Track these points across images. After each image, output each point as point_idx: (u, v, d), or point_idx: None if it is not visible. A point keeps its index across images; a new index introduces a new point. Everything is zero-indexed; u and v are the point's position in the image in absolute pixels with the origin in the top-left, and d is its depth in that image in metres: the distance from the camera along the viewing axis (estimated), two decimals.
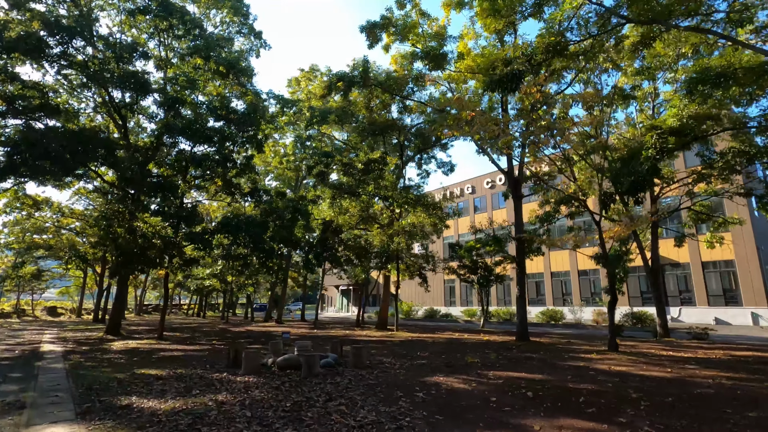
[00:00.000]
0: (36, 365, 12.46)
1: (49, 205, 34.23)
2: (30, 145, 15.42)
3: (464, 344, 17.62)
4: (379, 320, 26.82)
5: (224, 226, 17.04)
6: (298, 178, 36.89)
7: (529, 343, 16.83)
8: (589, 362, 12.26)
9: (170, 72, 20.42)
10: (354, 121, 23.60)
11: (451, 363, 12.18)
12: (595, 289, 40.87)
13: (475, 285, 31.60)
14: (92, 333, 24.52)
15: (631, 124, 26.81)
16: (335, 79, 18.23)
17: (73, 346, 17.79)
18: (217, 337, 22.11)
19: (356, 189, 21.35)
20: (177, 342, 19.09)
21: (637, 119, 27.29)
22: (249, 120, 17.95)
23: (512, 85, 10.98)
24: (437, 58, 18.45)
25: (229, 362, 11.91)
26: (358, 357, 11.44)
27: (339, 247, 23.66)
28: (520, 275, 17.54)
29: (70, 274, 50.17)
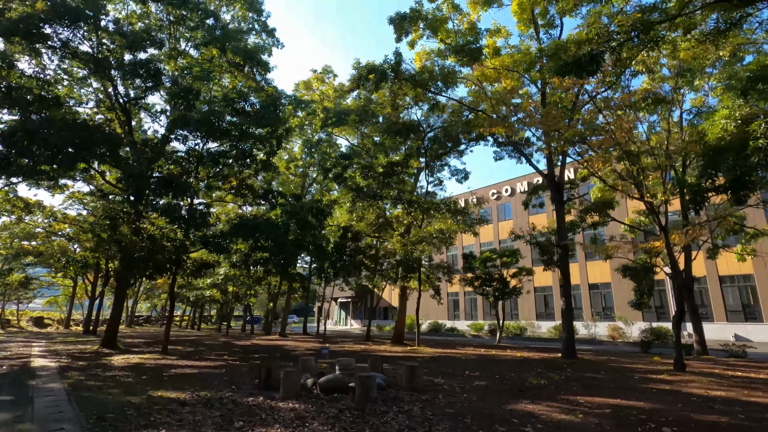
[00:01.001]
0: (29, 384, 10.51)
1: (41, 209, 32.01)
2: (27, 134, 13.61)
3: (503, 361, 15.93)
4: (395, 334, 25.00)
5: (240, 228, 15.26)
6: (304, 185, 35.18)
7: (579, 361, 15.21)
8: (671, 384, 10.67)
9: (184, 61, 18.78)
10: (375, 121, 22.13)
11: (515, 384, 10.50)
12: (606, 303, 39.49)
13: (490, 298, 30.05)
14: (85, 345, 22.35)
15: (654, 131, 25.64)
16: (365, 71, 16.73)
17: (67, 360, 15.74)
18: (224, 351, 20.12)
19: (378, 192, 19.75)
20: (183, 357, 17.11)
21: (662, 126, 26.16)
22: (269, 115, 16.35)
23: (591, 67, 9.61)
24: (473, 53, 17.09)
25: (259, 383, 10.10)
26: (413, 377, 9.71)
27: (357, 255, 21.90)
28: (565, 286, 16.00)
29: (59, 283, 47.52)
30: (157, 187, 14.37)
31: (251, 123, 15.89)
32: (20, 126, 13.71)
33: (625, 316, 35.17)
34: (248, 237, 15.33)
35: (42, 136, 13.86)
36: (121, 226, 15.54)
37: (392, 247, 20.87)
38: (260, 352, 19.39)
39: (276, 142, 16.86)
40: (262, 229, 14.92)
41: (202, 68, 17.83)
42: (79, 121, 15.94)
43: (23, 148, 13.96)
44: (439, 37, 19.40)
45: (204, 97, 17.20)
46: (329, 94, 27.14)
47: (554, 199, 16.92)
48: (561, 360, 15.19)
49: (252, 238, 15.29)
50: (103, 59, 16.19)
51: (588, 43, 10.04)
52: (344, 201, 22.81)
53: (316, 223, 18.02)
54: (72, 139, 14.69)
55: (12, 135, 13.59)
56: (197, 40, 18.23)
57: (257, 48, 18.82)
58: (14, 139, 13.53)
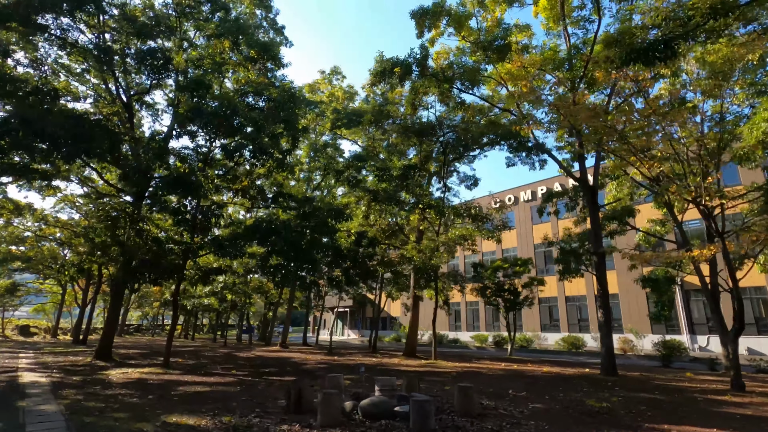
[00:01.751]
0: (19, 406, 9.01)
1: (32, 212, 30.24)
2: (24, 123, 12.19)
3: (537, 378, 14.65)
4: (407, 346, 23.58)
5: (255, 231, 13.88)
6: (306, 189, 33.85)
7: (621, 378, 13.98)
8: (750, 408, 9.48)
9: (193, 54, 17.51)
10: (390, 122, 20.97)
11: (576, 407, 9.23)
12: (613, 315, 38.38)
13: (501, 309, 28.84)
14: (77, 357, 20.64)
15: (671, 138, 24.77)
16: (389, 64, 15.59)
17: (60, 375, 14.15)
18: (229, 364, 18.59)
19: (396, 196, 18.52)
20: (188, 371, 15.58)
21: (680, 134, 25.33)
22: (285, 110, 15.10)
23: (665, 53, 8.54)
24: (502, 49, 16.06)
25: (289, 406, 8.70)
26: (466, 401, 8.38)
27: (370, 261, 20.51)
28: (603, 297, 14.83)
29: (47, 290, 45.35)
30: (165, 186, 13.00)
31: (267, 118, 14.64)
32: (16, 114, 12.29)
33: (635, 329, 34.13)
34: (264, 240, 13.95)
35: (40, 126, 12.44)
36: (123, 228, 14.07)
37: (407, 254, 19.63)
38: (269, 366, 17.90)
39: (292, 139, 15.58)
40: (278, 232, 13.56)
41: (214, 61, 16.57)
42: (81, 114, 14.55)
43: (18, 139, 12.51)
44: (462, 34, 18.38)
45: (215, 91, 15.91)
46: (338, 96, 25.96)
47: (588, 203, 15.83)
48: (602, 377, 13.96)
49: (267, 241, 13.90)
50: (107, 47, 14.84)
51: (659, 28, 9.01)
52: (354, 206, 21.57)
53: (335, 226, 16.67)
54: (71, 131, 13.28)
55: (6, 123, 12.15)
56: (209, 31, 16.97)
57: (272, 42, 17.59)
58: (9, 127, 12.10)
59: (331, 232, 16.17)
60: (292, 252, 14.14)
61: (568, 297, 41.00)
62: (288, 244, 13.82)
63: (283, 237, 13.53)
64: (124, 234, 14.27)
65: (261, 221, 14.23)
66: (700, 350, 32.45)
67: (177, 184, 13.20)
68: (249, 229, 14.13)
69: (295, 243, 13.92)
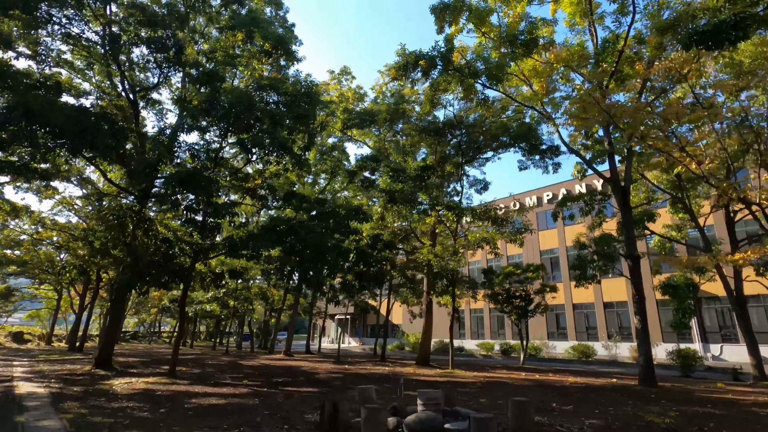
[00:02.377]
0: (17, 422, 7.97)
1: (29, 214, 29.08)
2: (28, 113, 11.25)
3: (571, 390, 13.71)
4: (420, 355, 22.54)
5: (271, 231, 12.89)
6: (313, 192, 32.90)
7: (663, 389, 13.06)
8: None
9: (205, 46, 16.69)
10: (405, 121, 20.19)
11: (638, 424, 8.31)
12: (622, 323, 37.51)
13: (513, 316, 27.93)
14: (75, 365, 19.49)
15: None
16: (413, 57, 14.78)
17: (59, 385, 13.06)
18: (237, 373, 17.51)
19: (414, 196, 17.62)
20: (196, 381, 14.50)
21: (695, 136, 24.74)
22: (303, 104, 14.25)
23: (735, 35, 7.77)
24: (528, 44, 15.32)
25: (322, 422, 7.72)
26: (522, 416, 7.43)
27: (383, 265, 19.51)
28: (639, 303, 13.95)
29: (42, 296, 43.95)
30: (177, 183, 12.04)
31: (284, 113, 13.77)
32: (19, 103, 11.34)
33: None
34: (281, 241, 12.97)
35: (44, 117, 11.50)
36: (131, 228, 13.06)
37: (423, 257, 18.73)
38: (279, 375, 16.83)
39: (309, 136, 14.70)
40: (296, 232, 12.61)
41: (227, 53, 15.70)
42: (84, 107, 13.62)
43: (21, 131, 11.56)
44: (483, 30, 17.65)
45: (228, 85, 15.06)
46: (348, 96, 25.16)
47: (619, 204, 15.00)
48: (641, 388, 13.02)
49: (286, 242, 12.93)
50: (116, 35, 13.95)
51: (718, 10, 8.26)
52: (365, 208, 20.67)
53: (357, 227, 15.72)
54: (77, 124, 12.35)
55: (10, 112, 11.18)
56: (221, 23, 16.12)
57: (287, 35, 16.76)
58: (12, 116, 11.14)
59: (352, 232, 15.22)
60: (311, 253, 13.14)
61: (575, 305, 40.14)
62: (307, 246, 12.83)
63: (301, 238, 12.58)
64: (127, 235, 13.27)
65: (278, 221, 13.26)
66: (713, 359, 31.63)
67: (188, 181, 12.25)
68: (265, 229, 13.14)
69: (314, 244, 12.95)
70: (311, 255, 13.07)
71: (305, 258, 13.13)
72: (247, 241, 12.46)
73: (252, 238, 12.51)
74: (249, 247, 12.36)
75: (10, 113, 11.19)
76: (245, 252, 12.30)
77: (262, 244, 12.50)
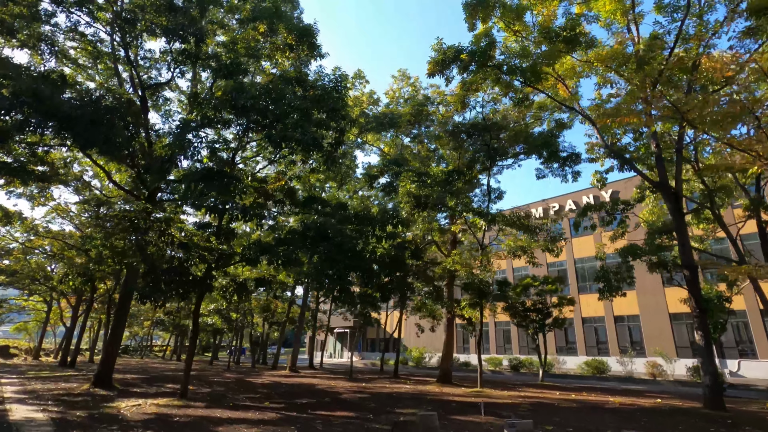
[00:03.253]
0: None
1: (22, 220, 27.26)
2: (36, 98, 9.84)
3: (622, 411, 12.40)
4: (441, 372, 21.03)
5: (302, 236, 11.44)
6: None
7: (736, 413, 11.78)
8: None
9: (224, 37, 15.46)
10: (430, 124, 19.09)
11: None
12: (633, 337, 36.35)
13: (529, 330, 26.67)
14: (70, 383, 17.72)
15: None
16: (453, 52, 13.67)
17: (57, 408, 11.42)
18: (251, 393, 15.91)
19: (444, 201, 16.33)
20: (212, 403, 12.90)
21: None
22: (332, 98, 13.03)
23: None
24: (571, 40, 14.33)
25: None
26: None
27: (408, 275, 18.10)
28: (701, 317, 12.74)
29: (31, 307, 41.64)
30: (198, 180, 10.64)
31: (314, 106, 12.52)
32: (28, 88, 9.93)
33: (664, 352, 32.06)
34: (314, 246, 11.53)
35: (54, 104, 10.10)
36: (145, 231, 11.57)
37: (450, 266, 17.45)
38: (299, 395, 15.25)
39: (338, 132, 13.42)
40: (329, 237, 11.23)
41: (248, 45, 14.45)
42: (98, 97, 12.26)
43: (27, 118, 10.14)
44: (515, 28, 16.67)
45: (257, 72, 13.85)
46: (362, 101, 24.04)
47: (672, 210, 13.89)
48: (710, 412, 11.73)
49: (318, 247, 11.50)
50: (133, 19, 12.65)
51: None
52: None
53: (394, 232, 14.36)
54: (89, 114, 10.96)
55: (16, 97, 9.74)
56: (243, 13, 14.92)
57: (310, 28, 15.58)
58: (18, 102, 9.71)
59: (389, 237, 13.84)
60: (348, 260, 11.71)
61: (585, 318, 38.95)
62: (343, 252, 11.41)
63: (336, 242, 11.20)
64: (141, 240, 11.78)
65: (311, 224, 11.87)
66: (731, 375, 30.49)
67: (211, 178, 10.87)
68: (296, 234, 11.71)
69: (349, 250, 11.55)
70: (349, 262, 11.64)
71: (344, 265, 11.70)
72: (278, 246, 11.05)
73: (283, 243, 11.07)
74: (279, 253, 10.93)
75: (16, 99, 9.76)
76: (277, 258, 10.87)
77: (293, 250, 11.09)
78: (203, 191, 10.53)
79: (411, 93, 24.74)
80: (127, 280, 16.92)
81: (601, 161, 23.16)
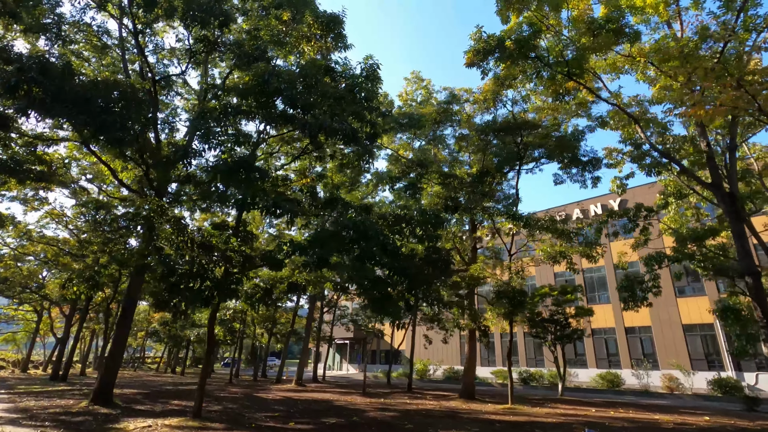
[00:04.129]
0: None
1: (15, 225, 25.61)
2: (44, 74, 8.57)
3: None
4: (464, 387, 19.65)
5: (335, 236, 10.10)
6: None
7: None
8: None
9: (245, 25, 14.32)
10: (454, 123, 18.05)
11: None
12: (645, 349, 35.23)
13: (548, 342, 25.42)
14: (66, 400, 16.06)
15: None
16: (494, 40, 12.61)
17: (57, 431, 9.92)
18: (269, 411, 14.44)
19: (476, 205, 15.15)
20: (231, 424, 11.41)
21: None
22: (364, 88, 11.91)
23: None
24: (618, 32, 13.38)
25: None
26: None
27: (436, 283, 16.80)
28: (766, 327, 11.66)
29: (20, 317, 39.53)
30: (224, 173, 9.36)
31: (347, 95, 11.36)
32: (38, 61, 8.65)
33: (680, 365, 30.95)
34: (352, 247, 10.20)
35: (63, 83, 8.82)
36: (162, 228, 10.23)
37: (478, 273, 16.27)
38: (322, 413, 13.80)
39: (371, 125, 12.24)
40: (369, 237, 9.93)
41: (273, 33, 13.31)
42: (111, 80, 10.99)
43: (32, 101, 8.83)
44: (550, 21, 15.72)
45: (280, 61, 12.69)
46: (380, 101, 22.98)
47: (728, 213, 12.87)
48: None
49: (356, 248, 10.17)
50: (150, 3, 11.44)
51: None
52: None
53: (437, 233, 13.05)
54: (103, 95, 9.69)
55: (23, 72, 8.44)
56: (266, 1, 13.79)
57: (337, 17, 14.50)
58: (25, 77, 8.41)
59: (430, 239, 12.46)
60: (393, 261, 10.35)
61: (594, 330, 37.79)
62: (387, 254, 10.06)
63: (379, 243, 9.89)
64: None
65: (348, 222, 10.55)
66: (749, 389, 29.43)
67: (237, 171, 9.60)
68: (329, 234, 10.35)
69: (392, 252, 10.20)
70: (398, 264, 10.33)
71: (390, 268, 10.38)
72: (312, 247, 9.74)
73: (317, 243, 9.75)
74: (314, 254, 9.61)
75: (23, 74, 8.46)
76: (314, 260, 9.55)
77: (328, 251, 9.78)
78: (229, 185, 9.24)
79: (424, 96, 23.78)
80: (131, 286, 15.47)
81: (620, 167, 22.29)
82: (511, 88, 15.62)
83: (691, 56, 14.19)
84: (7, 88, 8.27)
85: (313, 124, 9.76)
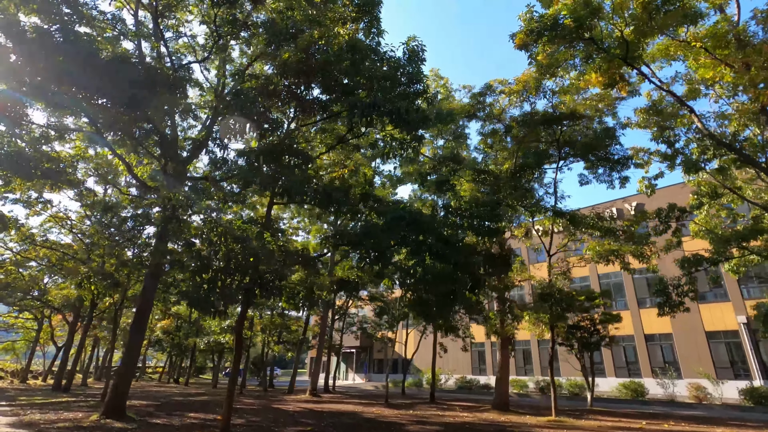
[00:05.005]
0: None
1: (18, 228, 24.26)
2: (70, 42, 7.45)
3: None
4: (497, 398, 18.33)
5: (392, 226, 8.88)
6: None
7: None
8: None
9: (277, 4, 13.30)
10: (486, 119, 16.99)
11: None
12: (665, 357, 33.93)
13: (574, 350, 24.16)
14: (74, 413, 14.69)
15: None
16: (549, 19, 11.54)
17: None
18: (297, 425, 13.12)
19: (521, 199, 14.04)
20: None
21: None
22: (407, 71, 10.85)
23: None
24: (673, 15, 12.40)
25: None
26: None
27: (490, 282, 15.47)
28: None
29: (20, 325, 37.93)
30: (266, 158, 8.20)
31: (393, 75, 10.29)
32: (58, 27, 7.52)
33: (708, 374, 29.63)
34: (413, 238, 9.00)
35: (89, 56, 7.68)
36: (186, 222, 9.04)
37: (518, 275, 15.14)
38: (358, 428, 12.49)
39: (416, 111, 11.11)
40: (426, 228, 8.73)
41: (305, 12, 12.27)
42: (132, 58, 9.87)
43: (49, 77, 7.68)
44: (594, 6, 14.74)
45: None
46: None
47: None
48: None
49: (414, 240, 8.97)
50: None
51: None
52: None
53: (493, 229, 11.83)
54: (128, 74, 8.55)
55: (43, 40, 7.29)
56: None
57: None
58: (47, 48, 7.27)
59: (489, 233, 11.26)
60: (456, 256, 9.15)
61: (612, 337, 36.45)
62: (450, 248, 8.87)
63: (439, 235, 8.70)
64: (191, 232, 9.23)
65: (404, 213, 9.35)
66: None
67: (281, 153, 8.45)
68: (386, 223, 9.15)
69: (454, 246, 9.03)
70: (465, 260, 9.15)
71: (454, 263, 9.18)
72: (364, 239, 8.53)
73: (370, 235, 8.51)
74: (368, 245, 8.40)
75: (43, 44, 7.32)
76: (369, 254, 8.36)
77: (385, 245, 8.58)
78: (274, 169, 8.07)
79: (443, 94, 22.86)
80: (146, 288, 14.22)
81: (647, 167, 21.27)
82: (555, 76, 14.58)
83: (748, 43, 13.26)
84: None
85: (365, 103, 8.64)
